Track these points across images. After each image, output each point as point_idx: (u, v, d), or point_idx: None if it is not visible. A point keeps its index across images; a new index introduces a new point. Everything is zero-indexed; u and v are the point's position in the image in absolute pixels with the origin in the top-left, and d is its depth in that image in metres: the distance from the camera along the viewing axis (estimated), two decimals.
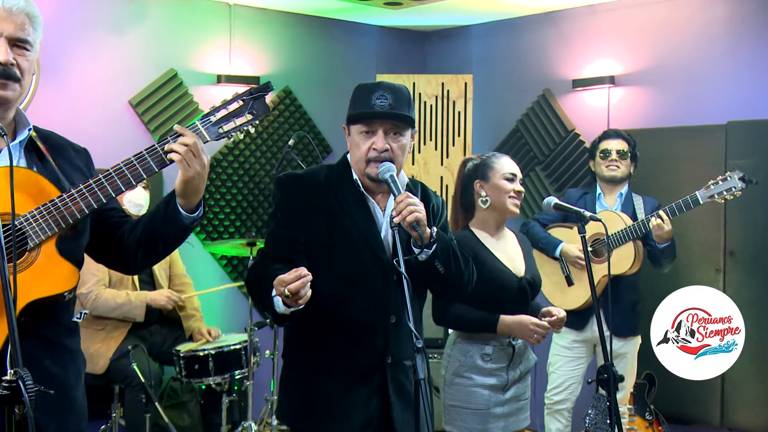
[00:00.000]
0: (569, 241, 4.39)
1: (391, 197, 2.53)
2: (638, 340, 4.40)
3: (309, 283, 2.22)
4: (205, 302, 5.12)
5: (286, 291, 2.19)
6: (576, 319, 4.38)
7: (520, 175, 3.25)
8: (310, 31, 6.11)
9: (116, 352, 4.43)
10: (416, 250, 2.42)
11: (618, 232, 4.20)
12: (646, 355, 4.06)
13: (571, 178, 5.74)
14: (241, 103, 2.23)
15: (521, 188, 3.22)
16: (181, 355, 4.53)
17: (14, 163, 2.04)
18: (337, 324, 2.51)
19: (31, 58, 2.13)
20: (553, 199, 3.20)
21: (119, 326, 4.57)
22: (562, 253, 4.41)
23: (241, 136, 2.27)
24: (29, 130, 2.16)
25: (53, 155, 2.19)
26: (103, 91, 5.18)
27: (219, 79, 5.62)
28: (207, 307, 5.16)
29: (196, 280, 5.10)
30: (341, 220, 2.52)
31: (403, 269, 2.25)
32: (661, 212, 4.11)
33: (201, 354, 4.52)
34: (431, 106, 5.77)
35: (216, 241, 5.53)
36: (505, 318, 3.10)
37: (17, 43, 2.08)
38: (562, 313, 3.16)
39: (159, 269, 4.80)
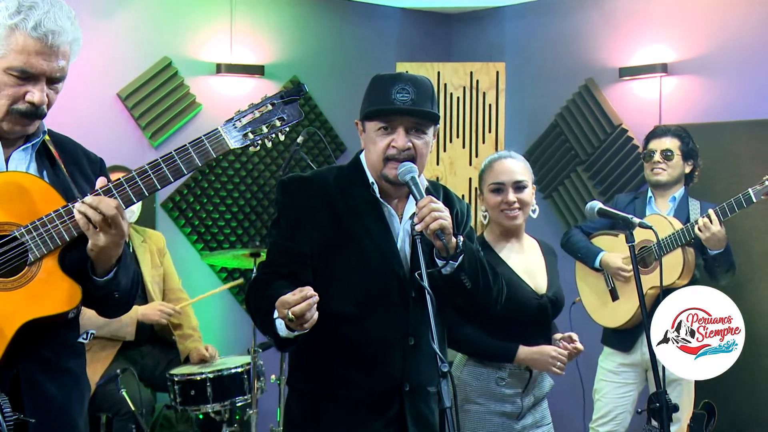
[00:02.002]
0: (615, 250, 4.37)
1: (410, 202, 2.54)
2: None
3: (315, 305, 2.21)
4: (204, 321, 5.13)
5: (290, 314, 2.18)
6: (622, 338, 4.37)
7: (515, 178, 3.15)
8: (321, 13, 6.12)
9: (103, 376, 4.43)
10: (440, 262, 2.41)
11: (665, 238, 4.18)
12: (704, 381, 4.00)
13: (618, 180, 5.70)
14: (270, 107, 2.28)
15: (511, 198, 3.13)
16: (176, 379, 4.53)
17: (25, 169, 2.18)
18: (348, 347, 2.50)
19: (60, 88, 2.21)
20: (596, 204, 3.19)
21: (106, 346, 4.58)
22: (602, 264, 4.39)
23: (269, 145, 2.31)
24: (43, 133, 2.25)
25: (66, 162, 2.26)
26: (88, 83, 5.20)
27: (219, 68, 5.63)
28: (205, 325, 5.16)
29: (194, 295, 5.10)
30: (352, 228, 2.51)
31: (426, 283, 2.25)
32: (710, 211, 4.07)
33: (198, 378, 4.51)
34: (458, 98, 5.75)
35: (215, 251, 5.54)
36: (524, 349, 3.11)
37: (53, 80, 2.17)
38: (580, 346, 3.17)
39: (152, 283, 4.80)
